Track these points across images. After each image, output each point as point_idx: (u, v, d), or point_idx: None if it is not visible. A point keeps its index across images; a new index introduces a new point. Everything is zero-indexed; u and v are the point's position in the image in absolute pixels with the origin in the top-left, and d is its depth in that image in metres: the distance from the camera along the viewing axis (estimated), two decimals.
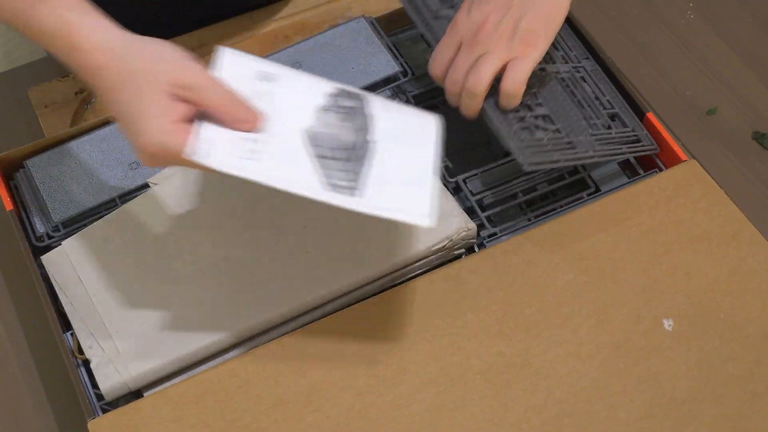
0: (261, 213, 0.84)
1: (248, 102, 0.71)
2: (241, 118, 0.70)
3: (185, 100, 0.68)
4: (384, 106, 0.77)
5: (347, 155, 0.73)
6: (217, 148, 0.69)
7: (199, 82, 0.69)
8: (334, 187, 0.71)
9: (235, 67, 0.73)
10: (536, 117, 0.86)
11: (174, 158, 0.68)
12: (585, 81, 0.91)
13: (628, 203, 0.84)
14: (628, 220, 0.83)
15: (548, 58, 0.91)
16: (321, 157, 0.72)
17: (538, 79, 0.89)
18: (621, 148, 0.87)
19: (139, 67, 0.68)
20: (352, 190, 0.71)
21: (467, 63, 0.83)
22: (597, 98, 0.90)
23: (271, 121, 0.72)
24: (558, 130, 0.85)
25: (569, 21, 0.96)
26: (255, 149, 0.71)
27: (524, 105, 0.87)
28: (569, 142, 0.85)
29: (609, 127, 0.88)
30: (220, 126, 0.70)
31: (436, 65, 0.85)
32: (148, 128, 0.67)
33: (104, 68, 0.69)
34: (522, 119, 0.85)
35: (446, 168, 0.89)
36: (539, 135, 0.84)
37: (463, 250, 0.84)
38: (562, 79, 0.90)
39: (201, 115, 0.69)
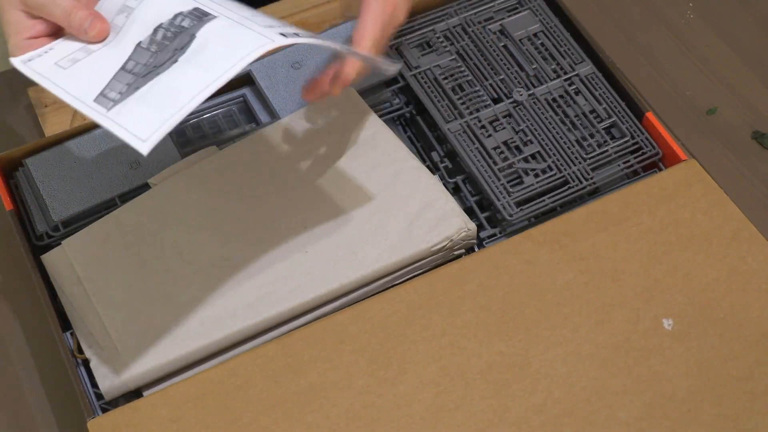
0: (261, 213, 0.84)
1: (93, 13, 0.72)
2: (77, 26, 0.72)
3: (36, 17, 0.72)
4: (223, 28, 0.69)
5: (146, 71, 0.69)
6: (45, 57, 0.70)
7: None
8: (100, 99, 0.67)
9: None
10: (526, 159, 0.87)
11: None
12: (579, 93, 0.91)
13: (627, 203, 0.84)
14: (628, 220, 0.83)
15: (537, 79, 0.92)
16: (122, 70, 0.69)
17: (527, 111, 0.90)
18: (619, 165, 0.87)
19: None
20: (113, 103, 0.67)
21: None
22: (593, 110, 0.90)
23: (119, 35, 0.72)
24: (549, 167, 0.86)
25: (568, 21, 0.96)
26: (77, 59, 0.71)
27: (513, 147, 0.87)
28: (561, 177, 0.86)
29: (606, 143, 0.88)
30: (74, 40, 0.72)
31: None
32: (9, 45, 0.72)
33: None
34: (510, 166, 0.86)
35: (446, 168, 0.89)
36: (528, 180, 0.85)
37: (463, 251, 0.84)
38: (554, 99, 0.91)
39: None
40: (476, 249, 0.85)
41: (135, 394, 0.78)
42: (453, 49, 0.94)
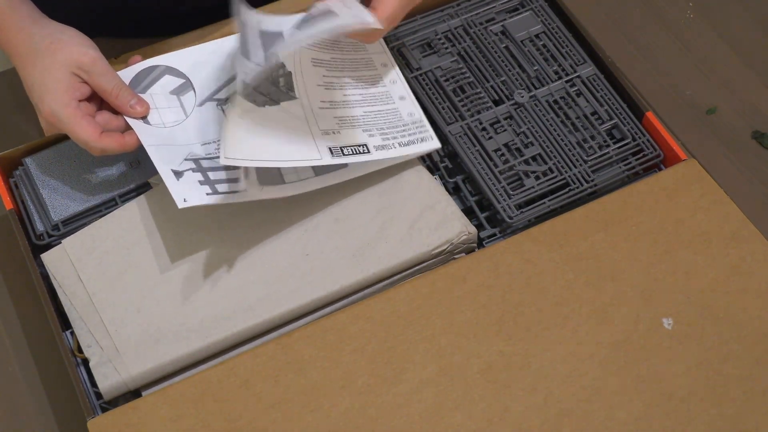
0: (262, 215, 0.84)
1: (138, 96, 0.83)
2: (124, 102, 0.82)
3: (83, 81, 0.81)
4: (293, 120, 0.83)
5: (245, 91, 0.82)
6: None
7: (96, 68, 0.81)
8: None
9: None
10: (526, 161, 0.87)
11: (64, 127, 0.80)
12: (581, 95, 0.91)
13: (627, 203, 0.84)
14: (627, 220, 0.83)
15: (538, 80, 0.91)
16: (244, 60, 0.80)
17: (528, 112, 0.89)
18: (620, 167, 0.87)
19: (49, 47, 0.80)
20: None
21: None
22: (594, 112, 0.90)
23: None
24: (550, 169, 0.86)
25: (569, 22, 0.96)
26: None
27: (514, 149, 0.87)
28: (562, 179, 0.86)
29: (607, 145, 0.88)
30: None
31: None
32: (53, 99, 0.79)
33: (21, 45, 0.81)
34: (511, 168, 0.86)
35: (446, 168, 0.89)
36: (529, 183, 0.85)
37: (463, 254, 0.84)
38: (555, 101, 0.91)
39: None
40: (476, 249, 0.85)
41: (134, 393, 0.78)
42: (454, 51, 0.94)
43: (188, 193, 0.78)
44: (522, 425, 0.74)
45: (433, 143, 0.86)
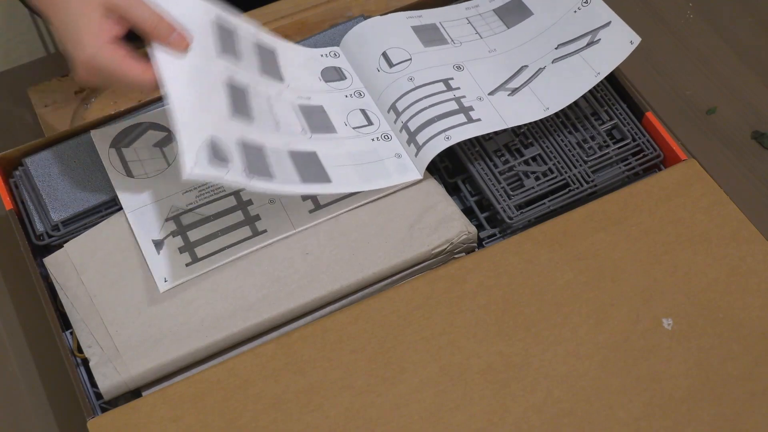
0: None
1: (176, 24, 0.77)
2: (166, 36, 0.77)
3: (117, 18, 0.75)
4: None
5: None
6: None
7: (131, 0, 0.76)
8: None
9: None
10: (526, 162, 0.87)
11: (108, 70, 0.75)
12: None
13: (627, 203, 0.84)
14: (627, 220, 0.83)
15: None
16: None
17: None
18: (620, 167, 0.87)
19: None
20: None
21: None
22: (594, 112, 0.90)
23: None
24: (550, 169, 0.86)
25: None
26: None
27: (514, 150, 0.87)
28: (562, 180, 0.86)
29: (607, 146, 0.88)
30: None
31: None
32: (90, 42, 0.74)
33: None
34: (511, 169, 0.86)
35: (445, 168, 0.89)
36: (529, 183, 0.85)
37: (463, 254, 0.84)
38: None
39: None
40: (476, 249, 0.85)
41: (134, 394, 0.78)
42: None
43: (168, 270, 0.80)
44: (522, 425, 0.74)
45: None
